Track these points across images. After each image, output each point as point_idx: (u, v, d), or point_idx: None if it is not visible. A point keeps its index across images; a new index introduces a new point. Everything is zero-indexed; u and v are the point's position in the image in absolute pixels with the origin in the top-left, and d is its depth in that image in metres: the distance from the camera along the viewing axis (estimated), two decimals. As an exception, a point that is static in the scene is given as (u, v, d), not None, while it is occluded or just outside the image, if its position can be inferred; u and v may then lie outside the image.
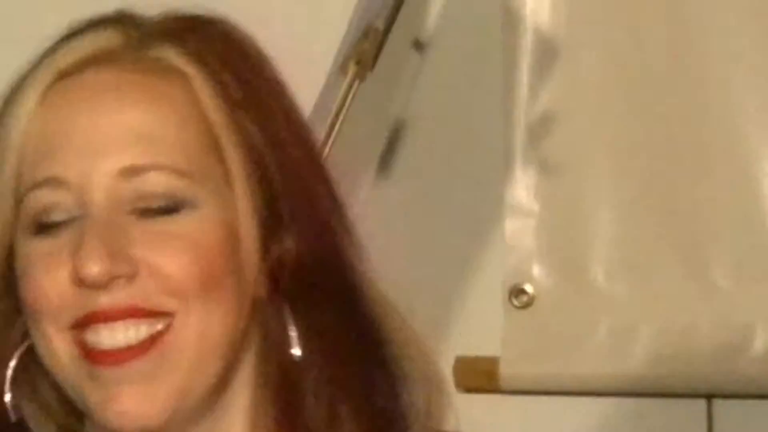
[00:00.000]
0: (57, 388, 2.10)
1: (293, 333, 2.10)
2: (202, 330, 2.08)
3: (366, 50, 3.75)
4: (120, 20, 2.18)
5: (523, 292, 3.73)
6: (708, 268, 3.94)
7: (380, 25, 3.75)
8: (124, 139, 2.08)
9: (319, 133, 3.58)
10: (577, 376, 3.89)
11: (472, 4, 4.08)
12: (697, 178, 4.05)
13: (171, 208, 2.06)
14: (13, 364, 2.09)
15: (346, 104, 3.65)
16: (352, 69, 3.70)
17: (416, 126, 4.05)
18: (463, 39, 4.05)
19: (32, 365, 2.12)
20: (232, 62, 2.18)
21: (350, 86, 3.63)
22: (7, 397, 2.08)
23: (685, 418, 4.01)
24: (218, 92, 2.12)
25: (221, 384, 2.09)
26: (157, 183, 2.05)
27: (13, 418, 2.12)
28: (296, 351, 2.12)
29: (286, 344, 2.13)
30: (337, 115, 3.63)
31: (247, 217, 2.08)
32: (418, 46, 3.96)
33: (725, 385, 3.91)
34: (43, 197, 2.05)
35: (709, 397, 3.90)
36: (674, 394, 3.95)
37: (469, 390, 3.70)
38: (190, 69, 2.10)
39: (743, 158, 4.02)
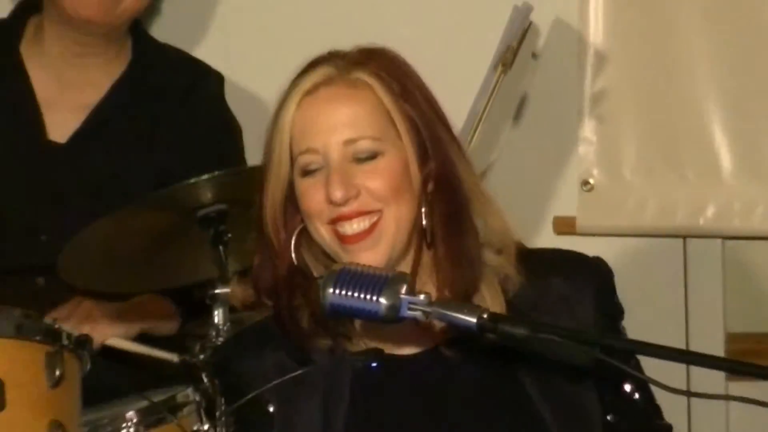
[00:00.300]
0: (320, 251, 3.60)
1: (430, 211, 3.53)
2: (396, 217, 3.51)
3: (508, 57, 5.16)
4: (331, 57, 3.69)
5: (587, 183, 5.50)
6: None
7: (515, 43, 5.16)
8: (343, 124, 3.54)
9: (479, 105, 5.13)
10: (613, 227, 5.55)
11: (563, 32, 5.63)
12: (687, 125, 5.57)
13: (371, 156, 3.51)
14: (295, 234, 3.62)
15: (497, 88, 5.10)
16: (500, 69, 5.11)
17: (531, 100, 5.66)
18: (558, 50, 5.60)
19: (305, 236, 3.61)
20: (394, 75, 3.63)
21: (498, 79, 5.12)
22: (292, 250, 3.62)
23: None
24: (389, 92, 3.58)
25: (407, 245, 3.52)
26: (363, 145, 3.51)
27: (296, 261, 3.62)
28: (430, 220, 3.57)
29: (430, 212, 3.56)
30: (491, 93, 5.11)
31: (411, 156, 3.54)
32: (534, 56, 5.55)
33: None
34: (305, 158, 3.52)
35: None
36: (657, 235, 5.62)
37: (560, 233, 5.52)
38: (373, 82, 3.59)
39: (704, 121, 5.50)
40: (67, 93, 5.23)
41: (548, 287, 3.70)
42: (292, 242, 3.58)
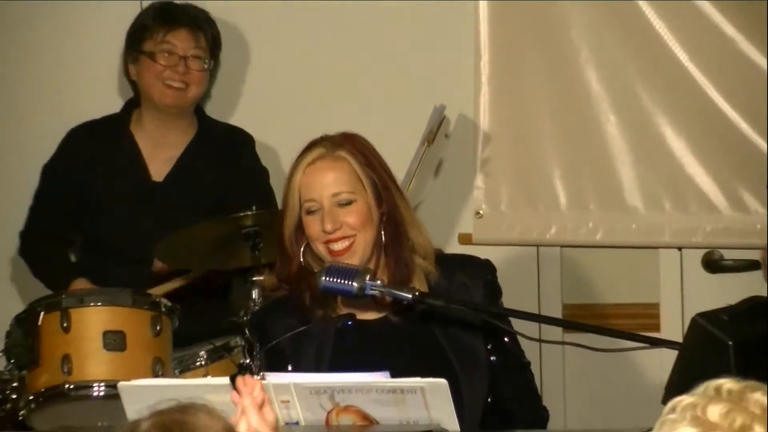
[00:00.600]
0: (317, 257, 4.36)
1: (384, 233, 4.36)
2: (364, 239, 4.33)
3: (430, 137, 5.68)
4: (322, 141, 4.42)
5: (479, 213, 5.93)
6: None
7: (435, 128, 5.71)
8: (331, 183, 4.34)
9: (412, 166, 5.61)
10: (494, 240, 5.94)
11: (464, 121, 6.00)
12: (537, 180, 5.95)
13: (348, 203, 4.33)
14: (302, 247, 4.39)
15: (423, 156, 5.64)
16: (425, 145, 5.66)
17: (445, 163, 6.05)
18: (461, 132, 6.04)
19: (308, 248, 4.36)
20: (361, 152, 4.40)
21: (424, 151, 5.67)
22: (300, 256, 4.38)
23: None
24: (358, 163, 4.34)
25: (371, 254, 4.35)
26: (343, 196, 4.32)
27: (303, 263, 4.38)
28: (384, 238, 4.34)
29: (384, 234, 4.36)
30: (420, 159, 5.67)
31: (372, 202, 4.33)
32: (446, 136, 5.90)
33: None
34: (308, 204, 4.33)
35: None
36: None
37: (462, 243, 5.88)
38: (348, 157, 4.35)
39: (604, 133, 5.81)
40: (159, 150, 5.86)
41: (454, 278, 4.47)
42: (300, 251, 4.41)
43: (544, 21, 5.77)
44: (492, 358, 4.42)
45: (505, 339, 4.44)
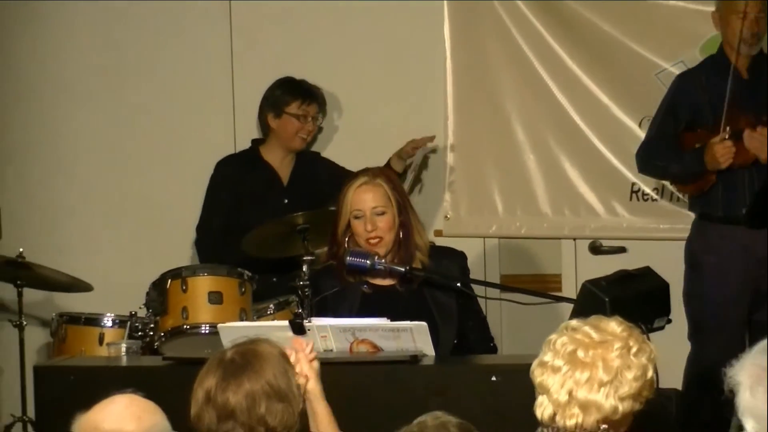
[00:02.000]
0: (355, 245, 4.20)
1: (400, 234, 4.20)
2: (389, 238, 4.19)
3: (416, 168, 5.45)
4: (367, 171, 4.30)
5: (446, 217, 5.65)
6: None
7: (419, 162, 5.47)
8: (371, 200, 4.22)
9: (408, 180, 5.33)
10: (458, 234, 5.52)
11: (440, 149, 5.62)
12: (485, 197, 5.61)
13: (382, 213, 4.20)
14: (347, 238, 4.21)
15: (411, 181, 5.43)
16: (413, 173, 5.44)
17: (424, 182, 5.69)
18: (436, 158, 5.64)
19: (351, 239, 4.21)
20: (390, 180, 4.30)
21: (412, 177, 5.46)
22: (345, 244, 4.20)
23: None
24: (389, 188, 4.26)
25: (392, 247, 4.19)
26: (378, 209, 4.19)
27: (346, 248, 4.19)
28: (400, 237, 4.18)
29: (400, 235, 4.23)
30: (409, 183, 5.43)
31: (395, 214, 4.22)
32: (434, 151, 5.53)
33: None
34: (356, 212, 4.19)
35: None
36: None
37: (436, 236, 5.47)
38: (383, 183, 4.25)
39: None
40: (282, 167, 5.56)
41: (441, 262, 4.38)
42: (345, 241, 4.29)
43: (490, 107, 5.62)
44: (470, 323, 4.37)
45: (474, 305, 4.40)
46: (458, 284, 4.30)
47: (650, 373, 2.88)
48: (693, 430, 4.61)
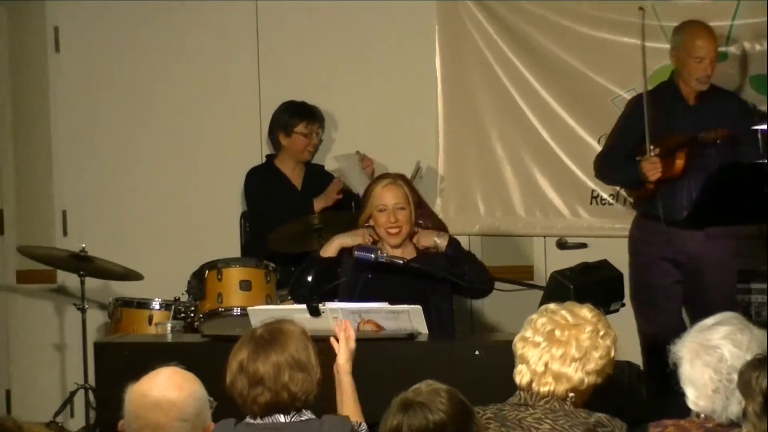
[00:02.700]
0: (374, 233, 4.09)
1: (414, 227, 4.15)
2: (405, 229, 4.12)
3: (411, 179, 4.92)
4: (390, 175, 4.22)
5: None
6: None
7: (414, 175, 5.29)
8: (393, 197, 4.15)
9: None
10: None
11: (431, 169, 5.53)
12: (466, 201, 5.50)
13: (402, 208, 4.13)
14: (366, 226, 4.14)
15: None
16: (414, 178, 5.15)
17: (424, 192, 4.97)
18: (429, 173, 5.49)
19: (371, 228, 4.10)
20: (408, 184, 4.20)
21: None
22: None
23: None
24: (407, 188, 4.19)
25: (406, 238, 4.12)
26: (399, 205, 4.12)
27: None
28: (414, 230, 4.12)
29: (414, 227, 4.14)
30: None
31: (412, 210, 4.16)
32: (421, 177, 5.35)
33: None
34: (379, 206, 4.11)
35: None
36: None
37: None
38: (403, 185, 4.18)
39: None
40: (294, 175, 5.45)
41: (433, 257, 4.26)
42: (366, 227, 4.26)
43: (474, 128, 5.53)
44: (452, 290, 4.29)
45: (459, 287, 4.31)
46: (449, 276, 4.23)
47: (613, 353, 2.90)
48: (651, 396, 4.59)
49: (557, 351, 2.87)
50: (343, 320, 3.25)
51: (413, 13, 5.40)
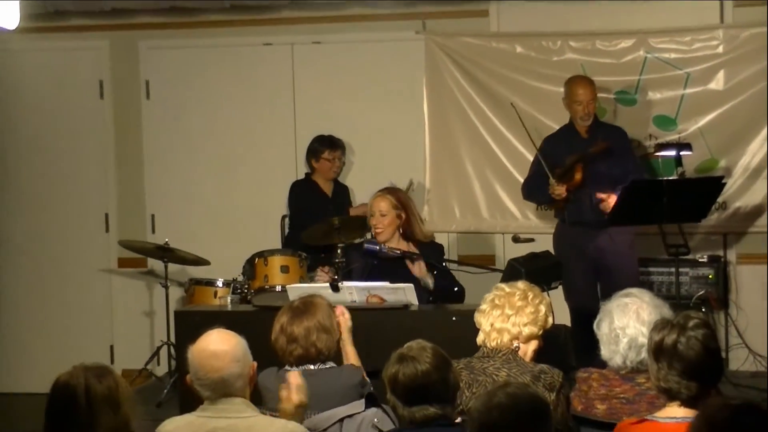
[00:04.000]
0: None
1: (403, 227, 3.88)
2: (388, 231, 3.85)
3: (409, 185, 5.16)
4: (382, 190, 3.92)
5: (424, 220, 4.77)
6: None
7: (407, 188, 5.09)
8: (380, 206, 3.92)
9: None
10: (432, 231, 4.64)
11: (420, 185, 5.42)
12: (444, 207, 5.39)
13: (384, 215, 3.87)
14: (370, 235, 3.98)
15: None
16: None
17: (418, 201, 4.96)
18: (419, 187, 5.37)
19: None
20: (396, 195, 3.89)
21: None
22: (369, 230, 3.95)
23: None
24: (393, 198, 3.90)
25: (391, 237, 3.87)
26: (383, 212, 3.87)
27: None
28: (402, 230, 3.82)
29: (403, 227, 3.86)
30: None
31: (396, 216, 3.90)
32: (413, 190, 5.17)
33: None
34: (372, 212, 3.89)
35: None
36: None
37: None
38: (389, 196, 3.92)
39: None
40: (326, 187, 5.28)
41: (423, 249, 4.08)
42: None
43: (451, 153, 5.38)
44: (437, 275, 4.07)
45: (441, 273, 4.09)
46: (429, 261, 4.11)
47: (543, 310, 2.86)
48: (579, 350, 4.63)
49: (496, 312, 2.85)
50: (339, 306, 3.07)
51: (409, 72, 5.37)
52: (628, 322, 2.57)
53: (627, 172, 4.52)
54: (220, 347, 2.35)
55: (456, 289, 3.97)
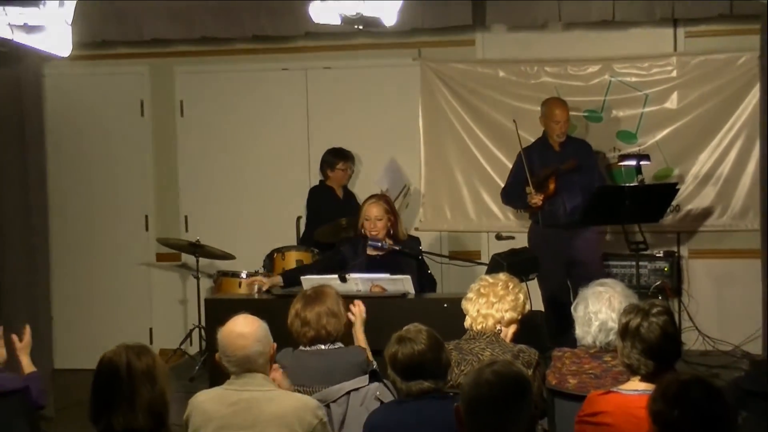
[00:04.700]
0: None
1: (391, 230, 3.69)
2: (383, 233, 3.66)
3: (407, 190, 5.10)
4: (375, 196, 3.73)
5: (420, 221, 5.27)
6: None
7: (405, 194, 5.17)
8: (375, 211, 3.74)
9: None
10: (424, 230, 5.20)
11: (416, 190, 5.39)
12: (436, 210, 5.30)
13: (379, 219, 3.71)
14: (361, 230, 3.66)
15: (399, 204, 4.82)
16: (401, 197, 5.14)
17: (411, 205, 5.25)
18: (415, 193, 5.34)
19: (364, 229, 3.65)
20: (387, 202, 3.74)
21: (399, 202, 4.97)
22: (361, 232, 3.71)
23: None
24: (385, 205, 3.73)
25: (384, 237, 3.68)
26: (378, 216, 3.72)
27: (362, 233, 3.67)
28: (391, 231, 3.63)
29: (391, 230, 3.70)
30: (399, 197, 5.02)
31: (386, 219, 3.73)
32: (410, 194, 5.25)
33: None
34: (367, 217, 3.72)
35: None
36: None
37: (415, 230, 5.15)
38: (382, 202, 3.74)
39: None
40: (341, 194, 5.09)
41: (406, 245, 3.95)
42: (360, 230, 3.93)
43: (443, 162, 5.32)
44: (420, 269, 3.99)
45: (427, 270, 4.04)
46: (420, 257, 4.03)
47: (521, 298, 2.85)
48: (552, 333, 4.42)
49: (482, 300, 2.84)
50: (358, 302, 3.08)
51: (407, 93, 5.32)
52: (601, 308, 2.56)
53: (593, 180, 4.57)
54: (244, 329, 2.37)
55: (429, 271, 3.93)
